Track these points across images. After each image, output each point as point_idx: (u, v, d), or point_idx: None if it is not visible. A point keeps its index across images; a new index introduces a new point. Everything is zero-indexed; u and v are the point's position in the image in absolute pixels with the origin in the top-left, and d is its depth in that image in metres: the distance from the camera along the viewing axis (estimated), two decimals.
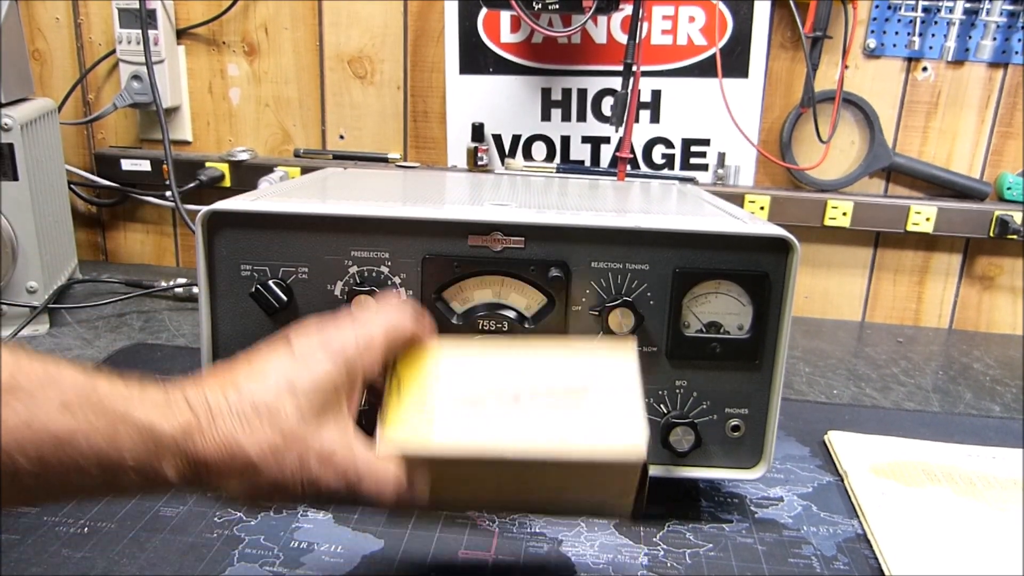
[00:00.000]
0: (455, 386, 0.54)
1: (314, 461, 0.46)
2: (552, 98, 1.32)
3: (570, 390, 0.53)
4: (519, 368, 0.55)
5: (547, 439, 0.50)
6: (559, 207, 0.76)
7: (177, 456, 0.42)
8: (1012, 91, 1.24)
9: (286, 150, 1.42)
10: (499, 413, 0.51)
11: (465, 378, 0.54)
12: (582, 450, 0.49)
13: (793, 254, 0.66)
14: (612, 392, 0.53)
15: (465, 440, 0.50)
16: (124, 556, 0.63)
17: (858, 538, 0.71)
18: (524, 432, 0.50)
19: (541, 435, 0.50)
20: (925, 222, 1.27)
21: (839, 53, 1.24)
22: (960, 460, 0.83)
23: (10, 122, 1.03)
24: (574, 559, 0.66)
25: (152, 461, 0.41)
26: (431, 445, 0.50)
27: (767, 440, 0.71)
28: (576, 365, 0.55)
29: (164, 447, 0.42)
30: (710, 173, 1.33)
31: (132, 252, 1.52)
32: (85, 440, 0.39)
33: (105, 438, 0.39)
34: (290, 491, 0.46)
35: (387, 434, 0.51)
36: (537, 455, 0.49)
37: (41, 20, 1.40)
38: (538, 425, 0.50)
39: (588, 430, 0.50)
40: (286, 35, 1.36)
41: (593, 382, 0.53)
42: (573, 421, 0.51)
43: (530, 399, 0.52)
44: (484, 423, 0.51)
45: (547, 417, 0.51)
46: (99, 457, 0.39)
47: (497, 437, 0.50)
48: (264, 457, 0.44)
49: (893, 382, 1.08)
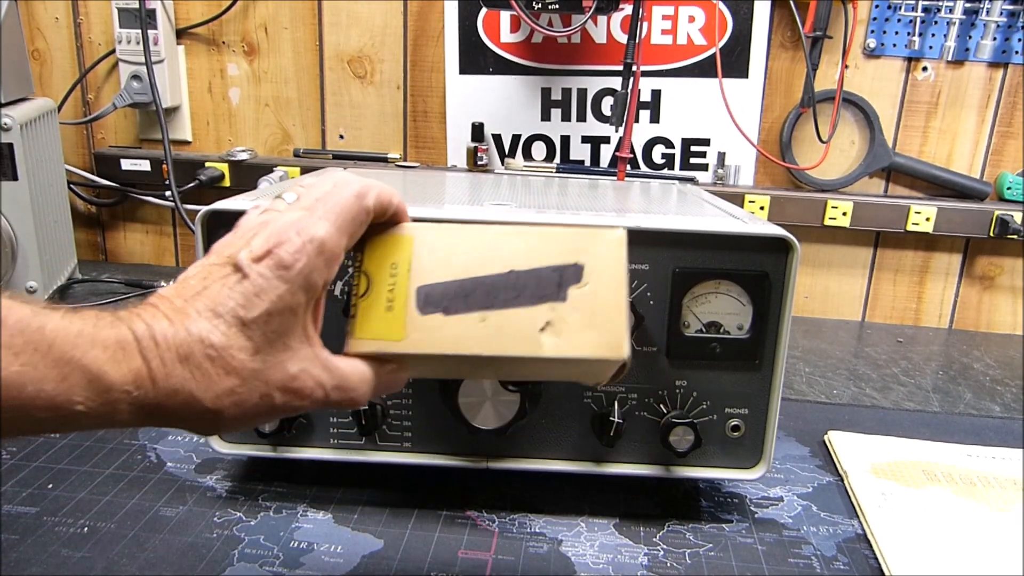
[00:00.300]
0: (428, 278, 0.50)
1: (278, 394, 0.44)
2: (552, 98, 1.32)
3: (551, 281, 0.50)
4: (499, 255, 0.50)
5: (525, 340, 0.48)
6: (559, 207, 0.76)
7: (131, 403, 0.41)
8: (1012, 91, 1.24)
9: (286, 150, 1.42)
10: (475, 310, 0.49)
11: (439, 269, 0.50)
12: (560, 351, 0.48)
13: (793, 254, 0.66)
14: (596, 285, 0.50)
15: (438, 342, 0.48)
16: (124, 556, 0.63)
17: (858, 538, 0.71)
18: (501, 333, 0.48)
19: (519, 336, 0.48)
20: (925, 222, 1.27)
21: (839, 53, 1.24)
22: (960, 460, 0.83)
23: (10, 122, 1.03)
24: (574, 559, 0.66)
25: (105, 407, 0.40)
26: (402, 346, 0.48)
27: (767, 440, 0.71)
28: (561, 251, 0.50)
29: (116, 395, 0.40)
30: (710, 173, 1.33)
31: (132, 252, 1.52)
32: (33, 386, 0.37)
33: (54, 385, 0.38)
34: (258, 422, 0.45)
35: (356, 335, 0.49)
36: (514, 354, 0.48)
37: (41, 20, 1.40)
38: (516, 325, 0.48)
39: (568, 330, 0.48)
40: (286, 35, 1.36)
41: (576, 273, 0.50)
42: (553, 319, 0.48)
43: (508, 292, 0.49)
44: (459, 323, 0.49)
45: (525, 315, 0.49)
46: (49, 402, 0.38)
47: (472, 339, 0.48)
48: (221, 403, 0.43)
49: (893, 382, 1.08)
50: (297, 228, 0.45)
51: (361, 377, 0.48)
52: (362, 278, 0.51)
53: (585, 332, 0.48)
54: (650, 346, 0.69)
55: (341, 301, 0.68)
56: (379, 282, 0.50)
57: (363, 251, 0.51)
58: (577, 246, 0.50)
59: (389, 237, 0.51)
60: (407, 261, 0.50)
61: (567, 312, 0.49)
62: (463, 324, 0.49)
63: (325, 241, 0.45)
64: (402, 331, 0.49)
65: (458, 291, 0.49)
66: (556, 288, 0.49)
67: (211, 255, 0.46)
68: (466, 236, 0.51)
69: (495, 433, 0.68)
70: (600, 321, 0.49)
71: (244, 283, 0.43)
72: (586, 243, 0.50)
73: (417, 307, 0.49)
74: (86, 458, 0.77)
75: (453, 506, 0.72)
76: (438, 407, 0.69)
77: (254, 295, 0.43)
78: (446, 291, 0.49)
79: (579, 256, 0.50)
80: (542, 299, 0.49)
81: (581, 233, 0.51)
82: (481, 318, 0.49)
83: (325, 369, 0.46)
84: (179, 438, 0.82)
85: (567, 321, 0.48)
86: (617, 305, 0.49)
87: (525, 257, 0.50)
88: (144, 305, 0.43)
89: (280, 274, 0.44)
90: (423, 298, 0.49)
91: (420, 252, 0.51)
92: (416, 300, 0.49)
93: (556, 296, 0.49)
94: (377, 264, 0.51)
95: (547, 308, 0.49)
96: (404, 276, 0.50)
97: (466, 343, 0.48)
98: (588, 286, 0.49)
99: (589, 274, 0.50)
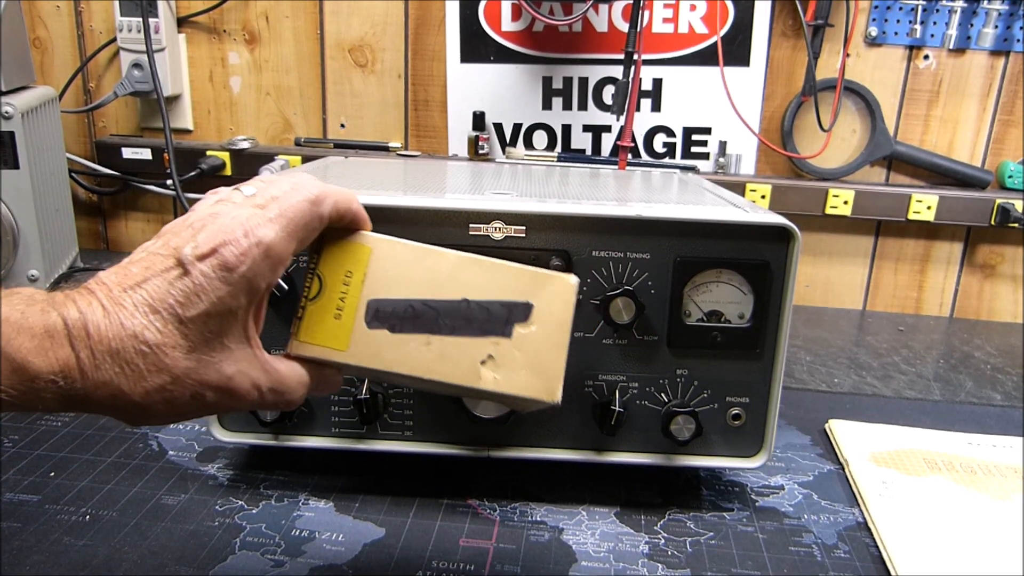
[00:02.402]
0: (381, 293, 0.50)
1: (210, 393, 0.44)
2: (553, 87, 1.32)
3: (500, 316, 0.50)
4: (455, 282, 0.51)
5: (465, 370, 0.48)
6: (560, 196, 0.76)
7: (57, 393, 0.40)
8: (1013, 79, 1.24)
9: (287, 139, 1.42)
10: (422, 332, 0.49)
11: (393, 285, 0.50)
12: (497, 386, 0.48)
13: (794, 243, 0.66)
14: (542, 327, 0.50)
15: (381, 359, 0.49)
16: (126, 544, 0.63)
17: (859, 526, 0.71)
18: (443, 359, 0.49)
19: (460, 365, 0.48)
20: (926, 210, 1.27)
21: (840, 41, 1.24)
22: (961, 448, 0.83)
23: (11, 110, 1.03)
24: (575, 547, 0.66)
25: (30, 395, 0.40)
26: (344, 356, 0.49)
27: (768, 429, 0.71)
28: (515, 288, 0.51)
29: (41, 385, 0.40)
30: (711, 162, 1.33)
31: (133, 240, 1.51)
32: None
33: None
34: (188, 417, 0.45)
35: (300, 337, 0.49)
36: (452, 382, 0.49)
37: (42, 8, 1.40)
38: (459, 353, 0.49)
39: (508, 367, 0.49)
40: (287, 23, 1.36)
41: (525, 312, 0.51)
42: (495, 354, 0.49)
43: (457, 320, 0.50)
44: (404, 343, 0.49)
45: (469, 345, 0.49)
46: None
47: (414, 361, 0.49)
48: (150, 399, 0.42)
49: (894, 370, 1.08)
50: (245, 228, 0.44)
51: (299, 380, 0.48)
52: (315, 281, 0.51)
53: (523, 371, 0.50)
54: (651, 335, 0.69)
55: None
56: (331, 287, 0.50)
57: (320, 253, 0.51)
58: (531, 286, 0.51)
59: (348, 244, 0.51)
60: (362, 272, 0.51)
61: (510, 349, 0.50)
62: (408, 344, 0.49)
63: (272, 245, 0.44)
64: (346, 342, 0.49)
65: (408, 311, 0.50)
66: (503, 324, 0.50)
67: (159, 239, 0.45)
68: (425, 257, 0.52)
69: (496, 422, 0.68)
70: (540, 363, 0.50)
71: (185, 280, 0.42)
72: (540, 284, 0.51)
73: (365, 320, 0.50)
74: (88, 446, 0.78)
75: (454, 495, 0.73)
76: (440, 396, 0.69)
77: (194, 293, 0.42)
78: (396, 308, 0.50)
79: (531, 296, 0.51)
80: (488, 332, 0.50)
81: (537, 274, 0.52)
82: (426, 341, 0.49)
83: (263, 371, 0.46)
84: (180, 426, 0.82)
85: (508, 358, 0.50)
86: (559, 349, 0.51)
87: (479, 288, 0.51)
88: (81, 289, 0.43)
89: (223, 275, 0.43)
90: (373, 312, 0.50)
91: (377, 265, 0.51)
92: (365, 312, 0.50)
93: (502, 331, 0.50)
94: (332, 269, 0.51)
95: (491, 342, 0.50)
96: (357, 286, 0.50)
97: (407, 364, 0.49)
98: (534, 327, 0.50)
99: (537, 315, 0.51)
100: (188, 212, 0.47)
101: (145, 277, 0.43)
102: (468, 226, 0.67)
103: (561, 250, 0.67)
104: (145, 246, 0.45)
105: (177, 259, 0.43)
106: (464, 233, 0.67)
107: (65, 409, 0.41)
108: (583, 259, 0.67)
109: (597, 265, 0.68)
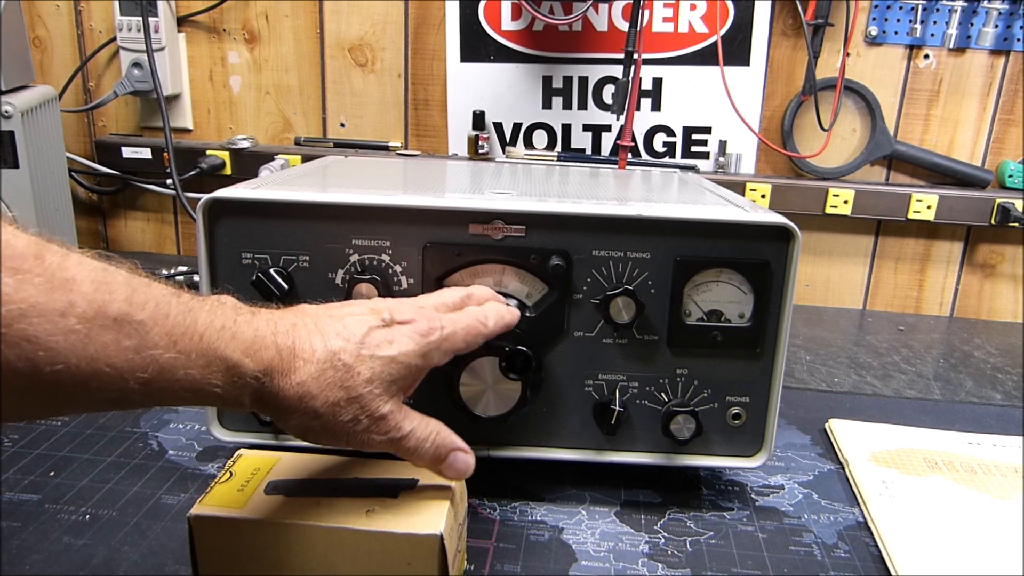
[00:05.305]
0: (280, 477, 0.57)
1: (365, 420, 0.51)
2: (553, 86, 1.32)
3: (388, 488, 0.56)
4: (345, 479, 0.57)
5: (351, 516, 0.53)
6: (560, 195, 0.75)
7: (256, 390, 0.48)
8: (1014, 79, 1.24)
9: (287, 138, 1.42)
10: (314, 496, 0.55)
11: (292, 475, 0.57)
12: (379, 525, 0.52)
13: (794, 242, 0.66)
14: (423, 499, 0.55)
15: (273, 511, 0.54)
16: (126, 544, 0.63)
17: (859, 526, 0.71)
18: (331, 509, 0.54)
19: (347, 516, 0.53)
20: (926, 210, 1.27)
21: (840, 41, 1.24)
22: (961, 448, 0.83)
23: (10, 109, 1.03)
24: (575, 547, 0.66)
25: (235, 392, 0.47)
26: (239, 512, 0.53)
27: (768, 428, 0.71)
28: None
29: (247, 383, 0.47)
30: (711, 161, 1.33)
31: (133, 240, 1.52)
32: (183, 371, 0.44)
33: (199, 370, 0.45)
34: (337, 438, 0.51)
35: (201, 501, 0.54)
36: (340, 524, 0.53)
37: (41, 7, 1.40)
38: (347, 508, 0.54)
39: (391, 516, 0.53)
40: (287, 23, 1.36)
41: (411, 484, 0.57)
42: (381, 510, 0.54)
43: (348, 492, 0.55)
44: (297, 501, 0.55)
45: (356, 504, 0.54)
46: (192, 384, 0.45)
47: None
48: (328, 407, 0.50)
49: (894, 370, 1.08)
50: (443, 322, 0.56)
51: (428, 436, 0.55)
52: (226, 474, 0.57)
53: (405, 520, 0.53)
54: (651, 334, 0.69)
55: (343, 290, 0.68)
56: (238, 476, 0.57)
57: (236, 462, 0.59)
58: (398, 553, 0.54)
59: (260, 455, 0.60)
60: (267, 469, 0.58)
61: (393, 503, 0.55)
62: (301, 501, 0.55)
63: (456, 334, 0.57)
64: None
65: (303, 485, 0.56)
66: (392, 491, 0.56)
67: None
68: (323, 462, 0.59)
69: (496, 421, 0.68)
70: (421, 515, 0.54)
71: (383, 330, 0.53)
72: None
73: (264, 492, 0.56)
74: (88, 446, 0.78)
75: None
76: (439, 395, 0.69)
77: (386, 340, 0.53)
78: (292, 485, 0.56)
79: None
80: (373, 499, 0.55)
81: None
82: (316, 502, 0.54)
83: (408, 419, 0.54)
84: (180, 426, 0.82)
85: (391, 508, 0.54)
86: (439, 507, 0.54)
87: None
88: (287, 314, 0.52)
89: (416, 338, 0.54)
90: (270, 488, 0.56)
91: (280, 466, 0.59)
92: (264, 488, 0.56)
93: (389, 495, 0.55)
94: (242, 468, 0.58)
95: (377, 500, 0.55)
96: (261, 476, 0.57)
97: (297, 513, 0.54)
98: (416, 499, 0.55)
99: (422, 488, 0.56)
100: None
101: (350, 319, 0.53)
102: (468, 225, 0.67)
103: (561, 249, 0.67)
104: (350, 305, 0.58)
105: (381, 318, 0.54)
106: (464, 232, 0.67)
107: (258, 407, 0.49)
108: (583, 258, 0.67)
109: (597, 264, 0.68)
